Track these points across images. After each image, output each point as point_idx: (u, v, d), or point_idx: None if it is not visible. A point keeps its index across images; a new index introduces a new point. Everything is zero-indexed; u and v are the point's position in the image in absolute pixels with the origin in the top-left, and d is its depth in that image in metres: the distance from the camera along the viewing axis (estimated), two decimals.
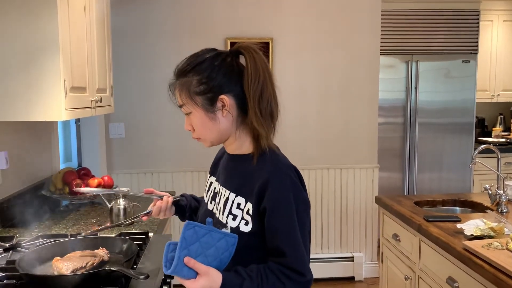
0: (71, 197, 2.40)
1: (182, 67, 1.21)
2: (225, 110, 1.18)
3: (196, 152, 3.56)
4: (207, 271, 1.05)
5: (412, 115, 4.29)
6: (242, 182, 1.20)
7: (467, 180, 4.41)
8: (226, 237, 1.09)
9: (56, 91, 1.74)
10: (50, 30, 1.72)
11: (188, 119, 1.23)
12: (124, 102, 3.43)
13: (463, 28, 4.32)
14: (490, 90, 4.82)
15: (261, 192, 1.13)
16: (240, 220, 1.17)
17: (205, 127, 1.21)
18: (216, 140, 1.24)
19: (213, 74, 1.17)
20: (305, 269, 1.13)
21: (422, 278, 2.15)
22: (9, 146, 2.12)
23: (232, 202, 1.20)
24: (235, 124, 1.21)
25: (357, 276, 3.70)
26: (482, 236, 1.84)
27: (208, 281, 1.05)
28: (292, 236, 1.12)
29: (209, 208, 1.31)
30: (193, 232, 1.05)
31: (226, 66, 1.18)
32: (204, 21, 3.48)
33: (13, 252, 1.64)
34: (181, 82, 1.20)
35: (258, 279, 1.10)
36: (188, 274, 1.04)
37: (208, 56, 1.19)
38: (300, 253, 1.13)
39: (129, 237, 1.72)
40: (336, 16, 3.57)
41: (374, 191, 3.73)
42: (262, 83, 1.15)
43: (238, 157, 1.25)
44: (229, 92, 1.17)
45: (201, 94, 1.17)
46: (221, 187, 1.27)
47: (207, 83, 1.17)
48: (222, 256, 1.08)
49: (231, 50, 1.22)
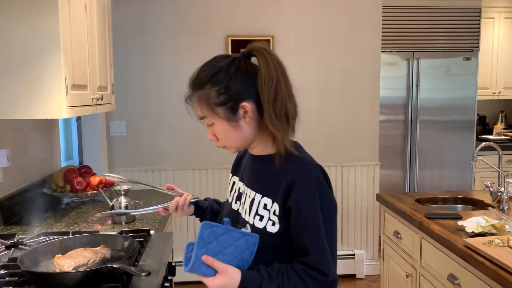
0: (72, 195, 2.40)
1: (197, 78, 1.20)
2: (247, 117, 1.17)
3: (197, 150, 3.56)
4: (225, 269, 1.06)
5: (413, 112, 4.29)
6: (267, 183, 1.19)
7: (468, 178, 4.41)
8: (246, 237, 1.10)
9: (57, 89, 1.74)
10: (51, 28, 1.72)
11: (211, 129, 1.22)
12: (125, 100, 3.43)
13: (464, 25, 4.31)
14: (491, 88, 4.81)
15: (287, 192, 1.13)
16: (267, 221, 1.16)
17: (229, 136, 1.20)
18: (241, 146, 1.24)
19: (231, 83, 1.15)
20: (328, 269, 1.12)
21: (423, 276, 2.15)
22: (11, 144, 2.13)
23: (258, 203, 1.19)
24: (258, 128, 1.20)
25: (358, 274, 3.71)
26: (483, 233, 1.84)
27: (226, 279, 1.06)
28: (316, 236, 1.12)
29: (234, 208, 1.30)
30: (210, 231, 1.07)
31: (241, 72, 1.16)
32: (205, 19, 3.48)
33: (15, 250, 1.65)
34: (199, 94, 1.18)
35: (279, 278, 1.09)
36: (207, 272, 1.06)
37: (223, 64, 1.17)
38: (324, 253, 1.12)
39: (130, 234, 1.72)
40: (337, 14, 3.57)
41: (375, 188, 3.73)
42: (275, 84, 1.13)
43: (262, 158, 1.24)
44: (248, 98, 1.16)
45: (222, 105, 1.16)
46: (246, 188, 1.26)
47: (226, 93, 1.15)
48: (242, 255, 1.10)
49: (243, 53, 1.20)
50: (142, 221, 2.11)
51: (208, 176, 3.58)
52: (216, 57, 1.22)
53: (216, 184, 3.59)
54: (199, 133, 3.54)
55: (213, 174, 3.59)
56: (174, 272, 1.78)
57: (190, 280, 3.51)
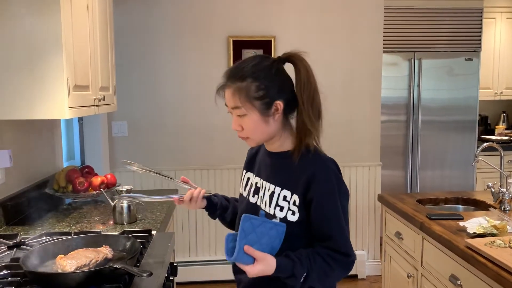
0: (74, 195, 2.41)
1: (239, 71, 1.29)
2: (277, 114, 1.29)
3: (198, 150, 3.57)
4: (264, 257, 1.20)
5: (415, 113, 4.29)
6: (287, 177, 1.31)
7: (470, 178, 4.40)
8: (277, 226, 1.24)
9: (59, 89, 1.75)
10: (53, 29, 1.72)
11: (238, 120, 1.31)
12: (127, 100, 3.43)
13: (466, 25, 4.30)
14: (493, 88, 4.81)
15: (307, 185, 1.26)
16: (287, 210, 1.29)
17: (258, 129, 1.30)
18: (263, 140, 1.35)
19: (271, 82, 1.28)
20: (349, 250, 1.28)
21: (425, 276, 2.15)
22: (13, 145, 2.13)
23: (278, 195, 1.31)
24: (281, 126, 1.33)
25: (359, 274, 3.71)
26: (485, 234, 1.84)
27: (264, 266, 1.20)
28: (338, 223, 1.26)
29: (252, 201, 1.40)
30: (250, 224, 1.20)
31: (280, 75, 1.30)
32: (206, 19, 3.48)
33: (17, 250, 1.65)
34: (239, 86, 1.28)
35: (308, 262, 1.23)
36: (247, 261, 1.19)
37: (266, 64, 1.30)
38: (345, 236, 1.27)
39: (132, 235, 1.73)
40: (339, 14, 3.57)
41: (376, 189, 3.73)
42: (314, 89, 1.29)
43: (280, 154, 1.36)
44: (281, 98, 1.29)
45: (260, 99, 1.27)
46: (265, 182, 1.37)
47: (265, 90, 1.27)
48: (273, 244, 1.23)
49: (280, 57, 1.33)
50: (144, 221, 2.11)
51: (210, 176, 3.58)
52: (256, 56, 1.35)
53: (218, 184, 3.59)
54: (200, 133, 3.54)
55: (214, 174, 3.59)
56: (176, 272, 1.78)
57: (191, 280, 3.52)
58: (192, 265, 3.55)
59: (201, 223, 3.61)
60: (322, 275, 1.25)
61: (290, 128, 1.35)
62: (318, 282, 1.26)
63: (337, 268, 1.26)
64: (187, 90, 3.48)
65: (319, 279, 1.25)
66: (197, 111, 3.50)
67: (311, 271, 1.23)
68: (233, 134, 1.39)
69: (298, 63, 1.30)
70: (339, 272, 1.28)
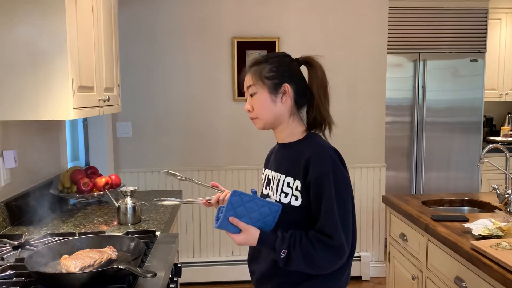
0: (79, 196, 2.41)
1: (257, 60, 1.46)
2: (285, 96, 1.41)
3: (203, 151, 3.57)
4: (247, 228, 1.31)
5: (419, 114, 4.28)
6: (290, 164, 1.41)
7: (475, 180, 4.38)
8: (269, 205, 1.32)
9: (64, 90, 1.75)
10: (58, 30, 1.73)
11: (251, 100, 1.44)
12: (131, 101, 3.44)
13: (471, 26, 4.29)
14: (498, 89, 4.79)
15: (305, 169, 1.34)
16: (291, 196, 1.38)
17: (265, 107, 1.42)
18: (269, 122, 1.44)
19: (282, 67, 1.43)
20: (334, 233, 1.29)
21: (430, 278, 2.14)
22: (18, 145, 2.14)
23: (283, 183, 1.41)
24: (289, 112, 1.43)
25: (363, 276, 3.70)
26: (490, 236, 1.83)
27: (247, 235, 1.31)
28: (328, 204, 1.30)
29: (265, 193, 1.51)
30: (238, 198, 1.29)
31: (292, 66, 1.45)
32: (211, 20, 3.49)
33: (21, 250, 1.66)
34: (255, 68, 1.44)
35: (291, 240, 1.30)
36: (233, 230, 1.31)
37: (281, 54, 1.48)
38: (332, 218, 1.30)
39: (136, 235, 1.73)
40: (343, 15, 3.56)
41: (381, 190, 3.72)
42: (326, 87, 1.46)
43: (288, 145, 1.46)
44: (290, 84, 1.42)
45: (270, 79, 1.41)
46: (274, 173, 1.47)
47: (276, 71, 1.41)
48: (265, 220, 1.32)
49: (298, 59, 1.47)
50: (148, 222, 2.11)
51: (214, 177, 3.58)
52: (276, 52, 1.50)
53: (222, 185, 3.58)
54: (205, 134, 3.54)
55: (218, 175, 3.59)
56: (180, 273, 1.78)
57: (195, 281, 3.52)
58: (196, 266, 3.55)
59: (205, 224, 3.61)
60: (306, 255, 1.29)
61: (299, 119, 1.46)
62: (304, 263, 1.30)
63: (320, 249, 1.29)
64: (191, 91, 3.49)
65: (304, 259, 1.29)
66: (201, 111, 3.51)
67: (293, 249, 1.29)
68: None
69: (315, 65, 1.44)
70: (324, 255, 1.29)
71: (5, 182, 2.03)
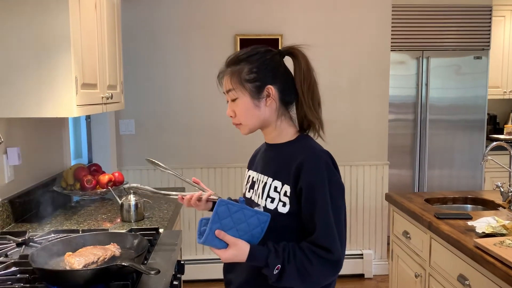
0: (82, 193, 2.42)
1: (234, 57, 1.32)
2: (269, 99, 1.28)
3: (205, 148, 3.57)
4: (235, 242, 1.16)
5: (422, 111, 4.26)
6: (279, 167, 1.29)
7: (478, 178, 4.37)
8: (258, 215, 1.19)
9: (67, 87, 1.76)
10: (62, 27, 1.73)
11: (232, 105, 1.32)
12: (134, 98, 3.44)
13: (475, 23, 4.27)
14: (502, 87, 4.77)
15: (297, 174, 1.22)
16: (277, 202, 1.25)
17: (248, 113, 1.29)
18: (254, 127, 1.33)
19: (263, 66, 1.28)
20: (333, 246, 1.18)
21: (433, 276, 2.14)
22: (21, 142, 2.14)
23: (269, 186, 1.29)
24: (276, 115, 1.31)
25: (366, 273, 3.70)
26: (494, 233, 1.83)
27: (236, 251, 1.16)
28: (323, 216, 1.19)
29: (248, 196, 1.39)
30: (225, 208, 1.15)
31: (274, 62, 1.30)
32: (214, 18, 3.48)
33: (25, 247, 1.66)
34: (233, 69, 1.30)
35: (285, 254, 1.17)
36: (219, 245, 1.16)
37: (260, 50, 1.31)
38: (329, 231, 1.19)
39: (140, 232, 1.73)
40: (346, 12, 3.55)
41: (384, 188, 3.71)
42: (314, 80, 1.31)
43: (277, 146, 1.34)
44: (274, 84, 1.28)
45: (251, 82, 1.27)
46: (259, 175, 1.36)
47: (257, 73, 1.27)
48: (253, 232, 1.18)
49: (280, 50, 1.33)
50: (151, 219, 2.12)
51: (216, 175, 3.59)
52: (255, 45, 1.34)
53: (224, 183, 3.60)
54: (207, 131, 3.55)
55: (221, 173, 3.59)
56: (183, 270, 1.78)
57: (199, 279, 3.53)
58: (199, 263, 3.56)
59: None
60: (302, 270, 1.17)
61: (289, 119, 1.34)
62: (299, 278, 1.18)
63: (318, 264, 1.17)
64: (194, 89, 3.48)
65: (299, 275, 1.17)
66: (204, 109, 3.51)
67: (287, 264, 1.16)
68: (239, 133, 1.39)
69: (298, 55, 1.30)
70: (321, 269, 1.18)
71: (9, 179, 2.04)
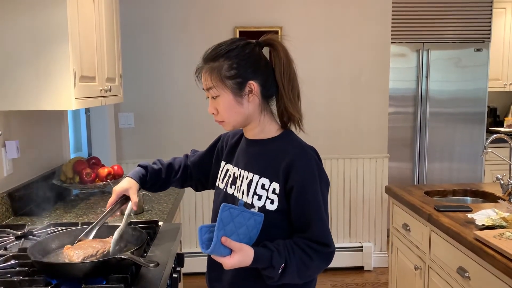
0: (81, 186, 2.42)
1: (212, 52, 1.27)
2: (251, 95, 1.25)
3: (205, 141, 3.54)
4: (241, 248, 1.14)
5: (423, 104, 4.25)
6: (265, 164, 1.27)
7: (478, 170, 4.37)
8: (254, 216, 1.18)
9: (65, 80, 1.75)
10: (59, 20, 1.72)
11: (213, 103, 1.29)
12: (133, 92, 3.43)
13: (475, 16, 4.25)
14: (502, 79, 4.76)
15: (287, 172, 1.22)
16: (265, 199, 1.24)
17: (231, 111, 1.27)
18: (238, 124, 1.31)
19: (243, 61, 1.24)
20: (329, 240, 1.23)
21: (432, 268, 2.14)
22: (20, 136, 2.14)
23: (256, 183, 1.26)
24: (259, 110, 1.29)
25: (366, 266, 3.71)
26: (494, 226, 1.82)
27: (242, 256, 1.14)
28: (318, 212, 1.22)
29: (230, 192, 1.36)
30: (228, 213, 1.13)
31: (254, 55, 1.26)
32: (213, 10, 3.46)
33: (25, 240, 1.66)
34: (212, 66, 1.25)
35: (286, 252, 1.18)
36: (225, 252, 1.14)
37: (239, 44, 1.27)
38: (324, 227, 1.23)
39: (139, 225, 1.73)
40: (346, 5, 3.53)
41: (384, 181, 3.71)
42: (293, 74, 1.27)
43: (260, 142, 1.32)
44: (255, 79, 1.25)
45: (232, 79, 1.24)
46: (242, 171, 1.32)
47: (238, 69, 1.23)
48: (251, 234, 1.18)
49: (258, 41, 1.28)
50: (151, 212, 2.11)
51: None
52: (232, 38, 1.32)
53: None
54: (207, 124, 3.54)
55: None
56: (183, 263, 1.78)
57: (198, 271, 3.53)
58: (199, 256, 3.56)
59: (208, 214, 3.62)
60: (302, 266, 1.19)
61: (270, 114, 1.31)
62: (297, 274, 1.20)
63: (317, 259, 1.20)
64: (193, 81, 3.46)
65: (299, 271, 1.19)
66: (203, 103, 3.47)
67: (290, 262, 1.17)
68: None
69: (277, 46, 1.27)
70: (318, 263, 1.22)
71: (7, 172, 2.04)
